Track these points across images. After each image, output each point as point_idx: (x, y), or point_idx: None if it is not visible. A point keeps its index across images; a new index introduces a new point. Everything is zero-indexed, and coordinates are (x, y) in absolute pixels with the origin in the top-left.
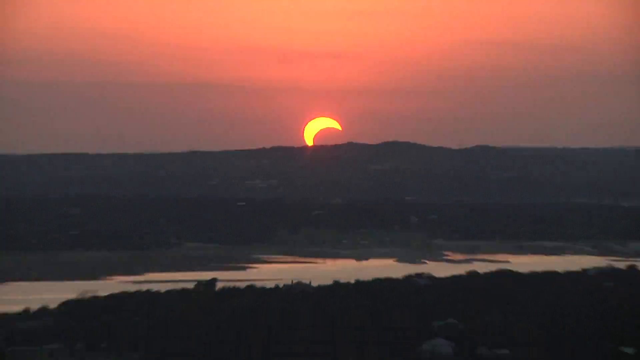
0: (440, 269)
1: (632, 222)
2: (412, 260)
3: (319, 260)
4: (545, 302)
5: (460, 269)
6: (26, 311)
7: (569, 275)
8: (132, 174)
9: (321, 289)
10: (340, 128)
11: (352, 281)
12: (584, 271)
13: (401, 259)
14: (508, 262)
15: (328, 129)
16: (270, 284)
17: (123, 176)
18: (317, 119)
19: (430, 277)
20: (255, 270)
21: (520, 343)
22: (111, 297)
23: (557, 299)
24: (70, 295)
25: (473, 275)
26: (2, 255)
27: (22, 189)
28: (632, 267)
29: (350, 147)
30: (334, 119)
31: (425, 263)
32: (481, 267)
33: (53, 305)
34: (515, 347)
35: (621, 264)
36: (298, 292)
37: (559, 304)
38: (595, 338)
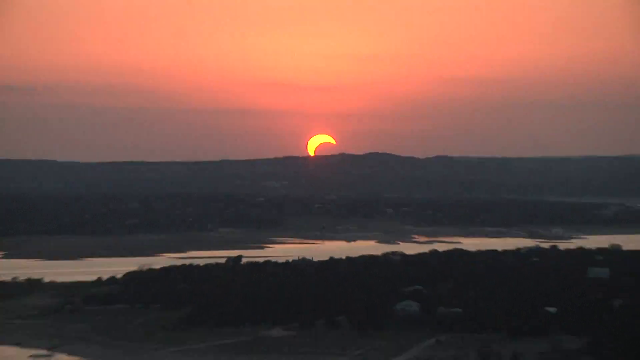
0: (409, 248)
1: (554, 213)
2: (388, 242)
3: (318, 241)
4: (487, 272)
5: (425, 248)
6: (99, 280)
7: (506, 253)
8: (178, 176)
9: (320, 262)
10: (334, 142)
11: (344, 257)
12: (517, 249)
13: (380, 241)
14: (460, 242)
15: (325, 143)
16: (282, 259)
17: (171, 178)
18: (317, 135)
19: (402, 254)
20: (271, 249)
21: (469, 304)
22: (163, 269)
23: (496, 271)
24: (132, 267)
25: (434, 252)
26: (79, 237)
27: (94, 188)
28: (553, 247)
29: (342, 156)
30: (330, 136)
31: (398, 243)
32: (440, 247)
33: (119, 275)
34: (465, 307)
35: (545, 244)
36: (306, 263)
37: (498, 274)
38: (525, 300)
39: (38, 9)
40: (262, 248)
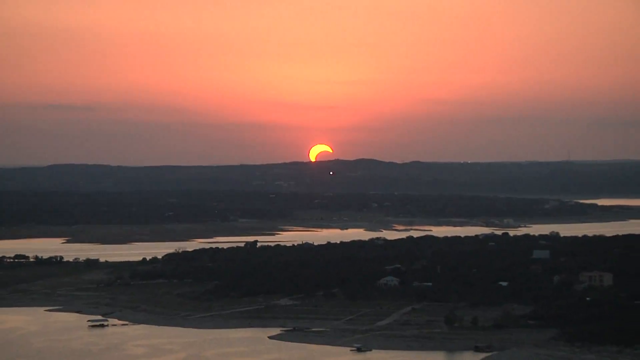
0: (390, 235)
1: (505, 206)
2: (373, 229)
3: (318, 229)
4: (453, 254)
5: (403, 235)
6: (143, 259)
7: (468, 238)
8: (206, 177)
9: (319, 246)
10: (331, 150)
11: (338, 242)
12: (477, 236)
13: (367, 229)
14: (431, 230)
15: (324, 151)
16: (289, 243)
17: (201, 178)
18: (317, 145)
19: (384, 240)
20: (280, 235)
21: (438, 279)
22: (194, 251)
23: (460, 253)
24: (170, 250)
25: (410, 238)
26: (127, 226)
27: (140, 187)
28: (505, 234)
29: (337, 162)
30: (327, 145)
31: (381, 231)
32: (415, 234)
33: (159, 256)
34: (435, 281)
35: (499, 231)
36: (308, 247)
37: (461, 255)
38: (483, 276)
39: (94, 43)
40: (274, 234)
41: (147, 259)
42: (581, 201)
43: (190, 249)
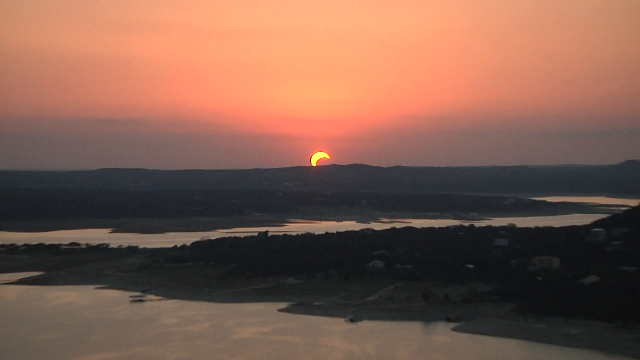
0: (377, 226)
1: (471, 203)
2: (363, 222)
3: (318, 221)
4: (428, 242)
5: (387, 226)
6: (175, 246)
7: (441, 229)
8: (226, 179)
9: (319, 235)
10: (329, 157)
11: (334, 232)
12: (448, 227)
13: (358, 221)
14: (410, 222)
15: (323, 157)
16: (294, 233)
17: (222, 180)
18: (317, 152)
19: (372, 230)
20: (287, 226)
21: (416, 262)
22: (216, 239)
23: (434, 240)
24: (196, 238)
25: (393, 229)
26: (162, 219)
27: (172, 186)
28: (471, 225)
29: (334, 166)
30: (326, 152)
31: (370, 223)
32: (397, 225)
33: (188, 243)
34: (414, 264)
35: (466, 223)
36: (310, 236)
37: (435, 242)
38: (453, 259)
39: (134, 68)
40: (282, 226)
41: (178, 246)
42: (534, 198)
43: (213, 238)
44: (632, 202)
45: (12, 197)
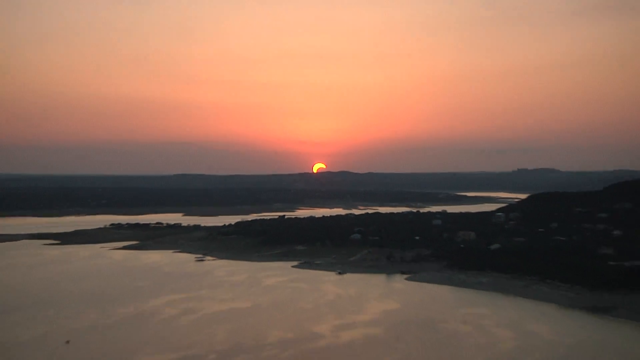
0: (357, 212)
1: (419, 197)
2: (347, 209)
3: (318, 209)
4: (390, 222)
5: (363, 212)
6: (224, 225)
7: (398, 213)
8: (256, 181)
9: (318, 217)
10: (325, 166)
11: (328, 215)
12: (403, 212)
13: (344, 208)
14: (378, 209)
15: (321, 167)
16: (302, 216)
17: (255, 182)
18: (317, 163)
19: (353, 214)
20: (297, 212)
21: (383, 235)
22: (251, 220)
23: (394, 221)
24: (238, 219)
25: (367, 214)
26: (215, 207)
27: (224, 186)
28: (417, 211)
29: (328, 173)
30: (323, 163)
31: (352, 210)
32: (370, 211)
33: (233, 222)
34: (380, 236)
35: (415, 210)
36: (312, 218)
37: (395, 222)
38: (407, 233)
39: (196, 108)
40: (294, 211)
41: (226, 225)
42: (459, 193)
43: (249, 219)
44: (521, 196)
45: (123, 193)
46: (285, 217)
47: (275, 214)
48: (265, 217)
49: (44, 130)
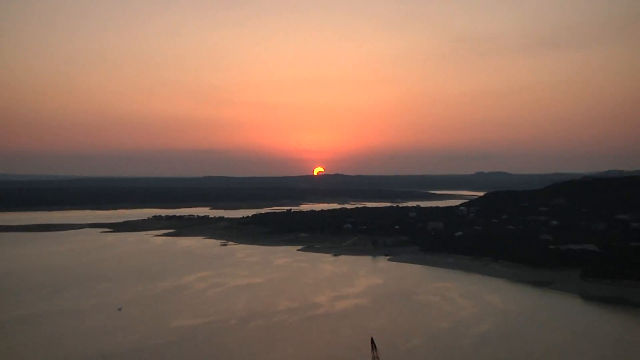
0: (349, 206)
1: (398, 194)
2: (341, 204)
3: (318, 204)
4: (375, 214)
5: (354, 206)
6: (242, 217)
7: (382, 208)
8: (271, 181)
9: (319, 210)
10: (323, 170)
11: (326, 209)
12: (385, 206)
13: (338, 204)
14: (365, 204)
15: (320, 171)
16: (305, 210)
17: (270, 183)
18: (317, 167)
19: (346, 208)
20: (301, 207)
21: (369, 224)
22: (264, 213)
23: (378, 213)
24: (253, 212)
25: (357, 207)
26: (236, 202)
27: (243, 187)
28: (397, 205)
29: (326, 175)
30: (322, 167)
31: (344, 204)
32: (359, 206)
33: (250, 215)
34: (368, 226)
35: (395, 205)
36: (313, 211)
37: (376, 214)
38: (387, 223)
39: (222, 124)
40: (299, 206)
41: (244, 217)
42: (430, 191)
43: (262, 212)
44: (479, 194)
45: (163, 191)
46: (292, 210)
47: (283, 208)
48: (275, 211)
49: (102, 141)
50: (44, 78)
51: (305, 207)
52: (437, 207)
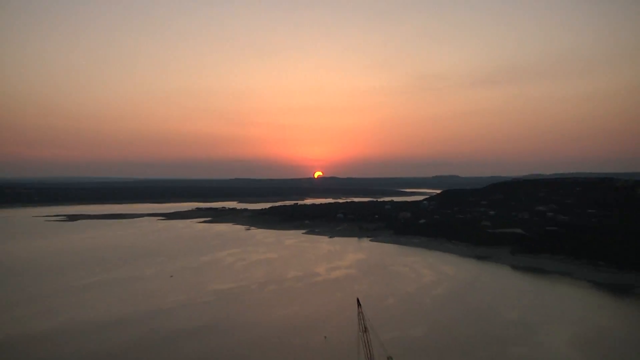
0: (341, 201)
1: (378, 192)
2: (335, 199)
3: (318, 199)
4: (361, 206)
5: (345, 200)
6: (262, 208)
7: (366, 202)
8: (281, 183)
9: (318, 204)
10: (322, 173)
11: (324, 203)
12: (368, 201)
13: (333, 199)
14: (353, 199)
15: (319, 174)
16: (308, 203)
17: (280, 183)
18: (317, 171)
19: (338, 202)
20: (305, 201)
21: (357, 214)
22: (279, 205)
23: (363, 207)
24: (270, 205)
25: (347, 202)
26: (256, 197)
27: (261, 187)
28: (377, 200)
29: (323, 177)
30: (321, 171)
31: (338, 199)
32: (351, 200)
33: (266, 207)
34: (355, 215)
35: (375, 200)
36: (314, 204)
37: (364, 207)
38: (371, 213)
39: (243, 141)
40: (303, 200)
41: (263, 208)
42: (401, 189)
43: (277, 205)
44: (437, 191)
45: (203, 189)
46: (298, 204)
47: (292, 202)
48: (286, 204)
49: (161, 151)
50: (125, 107)
51: (308, 201)
52: (406, 202)
